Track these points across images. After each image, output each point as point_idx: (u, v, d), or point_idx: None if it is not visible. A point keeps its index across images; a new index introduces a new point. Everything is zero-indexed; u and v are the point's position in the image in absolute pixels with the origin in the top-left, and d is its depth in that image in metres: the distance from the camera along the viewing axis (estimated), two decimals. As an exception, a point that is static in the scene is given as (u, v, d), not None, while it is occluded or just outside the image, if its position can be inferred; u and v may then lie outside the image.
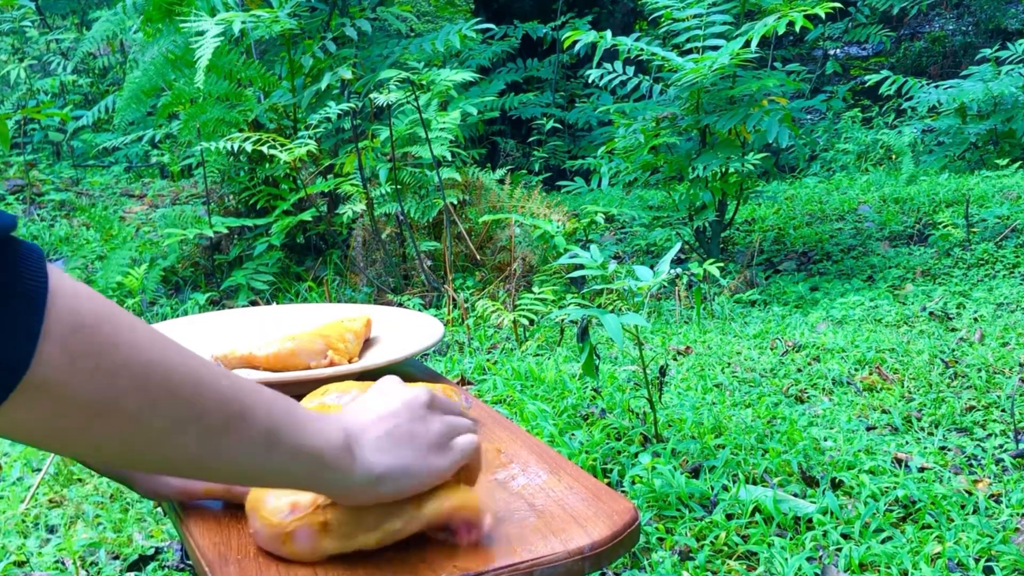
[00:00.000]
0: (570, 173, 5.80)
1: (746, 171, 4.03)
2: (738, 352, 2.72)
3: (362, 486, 0.72)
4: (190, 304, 3.81)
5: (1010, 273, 3.76)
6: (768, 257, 4.51)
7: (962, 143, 6.26)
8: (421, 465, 0.75)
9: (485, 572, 0.76)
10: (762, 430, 2.01)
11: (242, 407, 0.65)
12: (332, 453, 0.70)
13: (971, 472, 1.87)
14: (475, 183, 4.11)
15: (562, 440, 1.93)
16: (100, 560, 1.72)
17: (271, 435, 0.66)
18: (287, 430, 0.67)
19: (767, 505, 1.65)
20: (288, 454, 0.68)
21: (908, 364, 2.52)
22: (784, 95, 4.22)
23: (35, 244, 0.56)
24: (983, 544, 1.54)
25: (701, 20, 3.96)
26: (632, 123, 4.15)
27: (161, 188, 6.30)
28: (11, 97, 7.30)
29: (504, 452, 0.99)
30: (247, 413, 0.65)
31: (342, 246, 4.17)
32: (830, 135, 7.02)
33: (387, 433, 0.75)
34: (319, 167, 4.25)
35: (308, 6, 4.56)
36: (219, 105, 4.10)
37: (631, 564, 1.56)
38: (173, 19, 4.17)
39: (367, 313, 1.35)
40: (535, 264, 3.84)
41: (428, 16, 8.06)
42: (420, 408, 0.78)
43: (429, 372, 1.28)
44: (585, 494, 0.88)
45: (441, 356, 2.85)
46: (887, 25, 8.30)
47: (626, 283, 1.84)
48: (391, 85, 3.58)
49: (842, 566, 1.51)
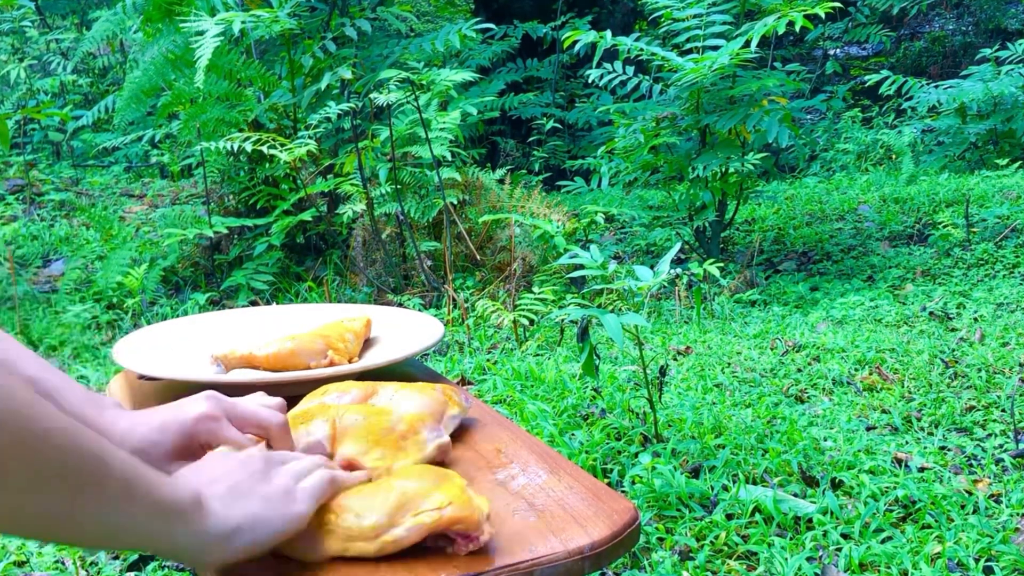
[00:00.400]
0: (570, 173, 5.80)
1: (746, 171, 4.03)
2: (738, 352, 2.72)
3: (217, 540, 0.72)
4: (190, 304, 3.81)
5: (1010, 273, 3.76)
6: (768, 257, 4.51)
7: (962, 143, 6.26)
8: (273, 514, 0.75)
9: (485, 572, 0.76)
10: (762, 430, 2.01)
11: (100, 460, 0.62)
12: (186, 507, 0.69)
13: (971, 472, 1.87)
14: (475, 183, 4.11)
15: (562, 440, 1.93)
16: (100, 560, 1.72)
17: (129, 488, 0.64)
18: (142, 483, 0.66)
19: (767, 505, 1.65)
20: (145, 508, 0.66)
21: (908, 364, 2.52)
22: (784, 95, 4.22)
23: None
24: (983, 544, 1.54)
25: (701, 20, 3.96)
26: (632, 123, 4.15)
27: (161, 188, 6.30)
28: (11, 97, 7.30)
29: (504, 452, 0.99)
30: (105, 466, 0.62)
31: (342, 246, 4.17)
32: (830, 135, 7.02)
33: (230, 489, 0.74)
34: (319, 167, 4.25)
35: (308, 6, 4.56)
36: (219, 105, 4.10)
37: (631, 564, 1.56)
38: (173, 19, 4.17)
39: (367, 313, 1.35)
40: (535, 264, 3.84)
41: (428, 16, 8.06)
42: (257, 465, 0.78)
43: (429, 372, 1.28)
44: (585, 494, 0.88)
45: (441, 356, 2.85)
46: (887, 25, 8.30)
47: (626, 283, 1.84)
48: (391, 85, 3.58)
49: (842, 566, 1.51)
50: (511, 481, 0.92)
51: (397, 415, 0.94)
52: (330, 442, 0.93)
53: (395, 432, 0.92)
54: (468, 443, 1.02)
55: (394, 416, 0.93)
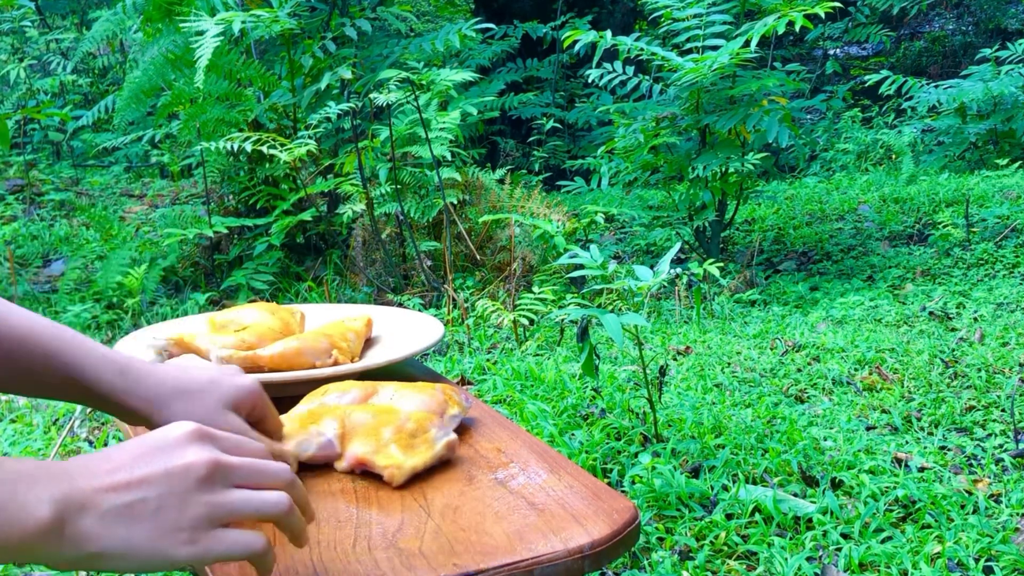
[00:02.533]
0: (570, 173, 5.80)
1: (746, 171, 4.03)
2: (738, 352, 2.73)
3: (71, 561, 0.63)
4: (190, 304, 3.81)
5: (1010, 273, 3.76)
6: (768, 257, 4.51)
7: (962, 143, 6.26)
8: (152, 549, 0.64)
9: (485, 570, 0.76)
10: (762, 430, 2.01)
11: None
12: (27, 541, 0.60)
13: (971, 472, 1.87)
14: (475, 183, 4.11)
15: (562, 440, 1.93)
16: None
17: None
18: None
19: (767, 505, 1.65)
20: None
21: (908, 364, 2.52)
22: (784, 95, 4.22)
23: None
24: (983, 544, 1.54)
25: (701, 20, 3.96)
26: (632, 123, 4.15)
27: (161, 188, 6.30)
28: (11, 97, 7.30)
29: (504, 451, 0.99)
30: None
31: (342, 246, 4.17)
32: (830, 135, 7.02)
33: (125, 505, 0.64)
34: (319, 167, 4.25)
35: (308, 6, 4.56)
36: (219, 105, 4.10)
37: (631, 564, 1.56)
38: (173, 19, 4.17)
39: (367, 313, 1.35)
40: (535, 264, 3.84)
41: (428, 16, 8.06)
42: (188, 482, 0.66)
43: (429, 372, 1.29)
44: (585, 493, 0.88)
45: (441, 356, 2.85)
46: (887, 25, 8.30)
47: (626, 283, 1.84)
48: (391, 85, 3.58)
49: (842, 566, 1.51)
50: (511, 480, 0.92)
51: (405, 414, 0.94)
52: (340, 441, 0.93)
53: (405, 430, 0.92)
54: (468, 443, 1.02)
55: (402, 415, 0.94)
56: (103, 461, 0.66)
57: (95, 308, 3.82)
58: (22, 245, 4.98)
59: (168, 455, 0.67)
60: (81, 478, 0.64)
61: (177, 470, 0.66)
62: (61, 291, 4.07)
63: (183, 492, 0.66)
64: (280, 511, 0.69)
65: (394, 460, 0.90)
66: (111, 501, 0.64)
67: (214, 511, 0.66)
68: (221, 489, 0.67)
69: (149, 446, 0.67)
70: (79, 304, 3.81)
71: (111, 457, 0.66)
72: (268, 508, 0.69)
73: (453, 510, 0.86)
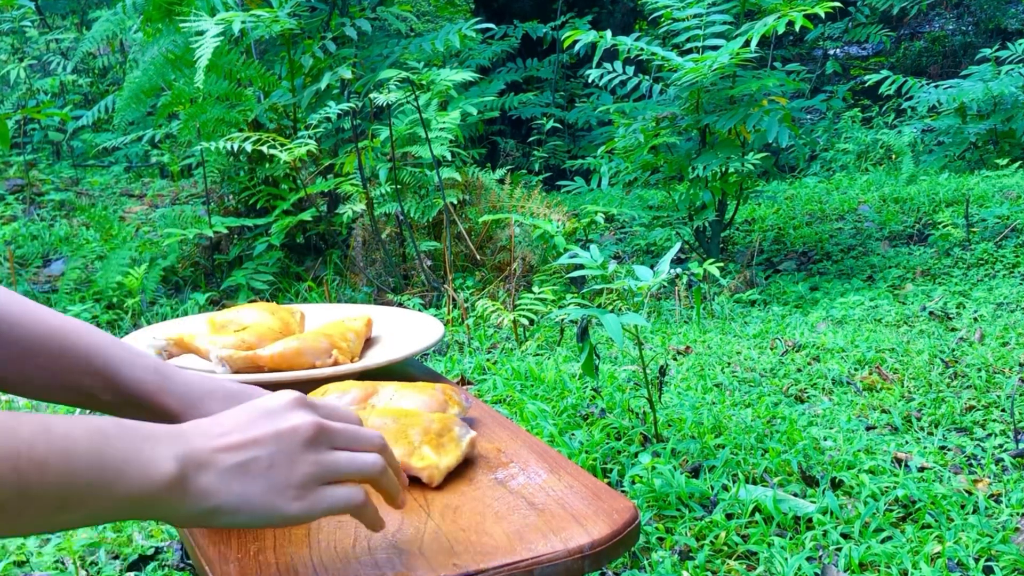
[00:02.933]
0: (570, 173, 5.80)
1: (746, 171, 4.03)
2: (738, 352, 2.73)
3: (192, 516, 0.67)
4: (190, 304, 3.81)
5: (1010, 273, 3.76)
6: (768, 257, 4.51)
7: (962, 143, 6.26)
8: (266, 504, 0.68)
9: (485, 570, 0.76)
10: (762, 430, 2.01)
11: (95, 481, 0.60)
12: (154, 495, 0.64)
13: (971, 472, 1.87)
14: (475, 183, 4.11)
15: (562, 440, 1.93)
16: (100, 560, 1.72)
17: (103, 495, 0.61)
18: (119, 488, 0.62)
19: (767, 505, 1.65)
20: (117, 503, 0.63)
21: (908, 364, 2.52)
22: (784, 95, 4.22)
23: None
24: (983, 544, 1.54)
25: (701, 20, 3.96)
26: (632, 123, 4.15)
27: (161, 188, 6.30)
28: (11, 97, 7.30)
29: (504, 451, 0.99)
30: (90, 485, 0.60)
31: (342, 246, 4.17)
32: (830, 135, 7.02)
33: (239, 465, 0.68)
34: (319, 167, 4.25)
35: (308, 6, 4.56)
36: (219, 105, 4.10)
37: (631, 564, 1.56)
38: (173, 19, 4.17)
39: (367, 313, 1.35)
40: (535, 264, 3.84)
41: (428, 16, 8.06)
42: (295, 443, 0.70)
43: (429, 372, 1.29)
44: (585, 493, 0.88)
45: (441, 356, 2.85)
46: (887, 25, 8.30)
47: (626, 283, 1.84)
48: (391, 85, 3.58)
49: (842, 566, 1.51)
50: (511, 480, 0.92)
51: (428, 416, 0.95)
52: None
53: (432, 431, 0.93)
54: (468, 442, 1.02)
55: (425, 416, 0.94)
56: (215, 425, 0.70)
57: (95, 308, 3.82)
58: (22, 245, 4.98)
59: (276, 419, 0.71)
60: (198, 439, 0.68)
61: (285, 432, 0.70)
62: (61, 291, 4.08)
63: (291, 452, 0.70)
64: (378, 470, 0.74)
65: (430, 461, 0.90)
66: (228, 460, 0.68)
67: (320, 470, 0.71)
68: (325, 450, 0.72)
69: (259, 411, 0.72)
70: (79, 304, 3.81)
71: (222, 422, 0.70)
72: (368, 468, 0.74)
73: (453, 510, 0.86)
